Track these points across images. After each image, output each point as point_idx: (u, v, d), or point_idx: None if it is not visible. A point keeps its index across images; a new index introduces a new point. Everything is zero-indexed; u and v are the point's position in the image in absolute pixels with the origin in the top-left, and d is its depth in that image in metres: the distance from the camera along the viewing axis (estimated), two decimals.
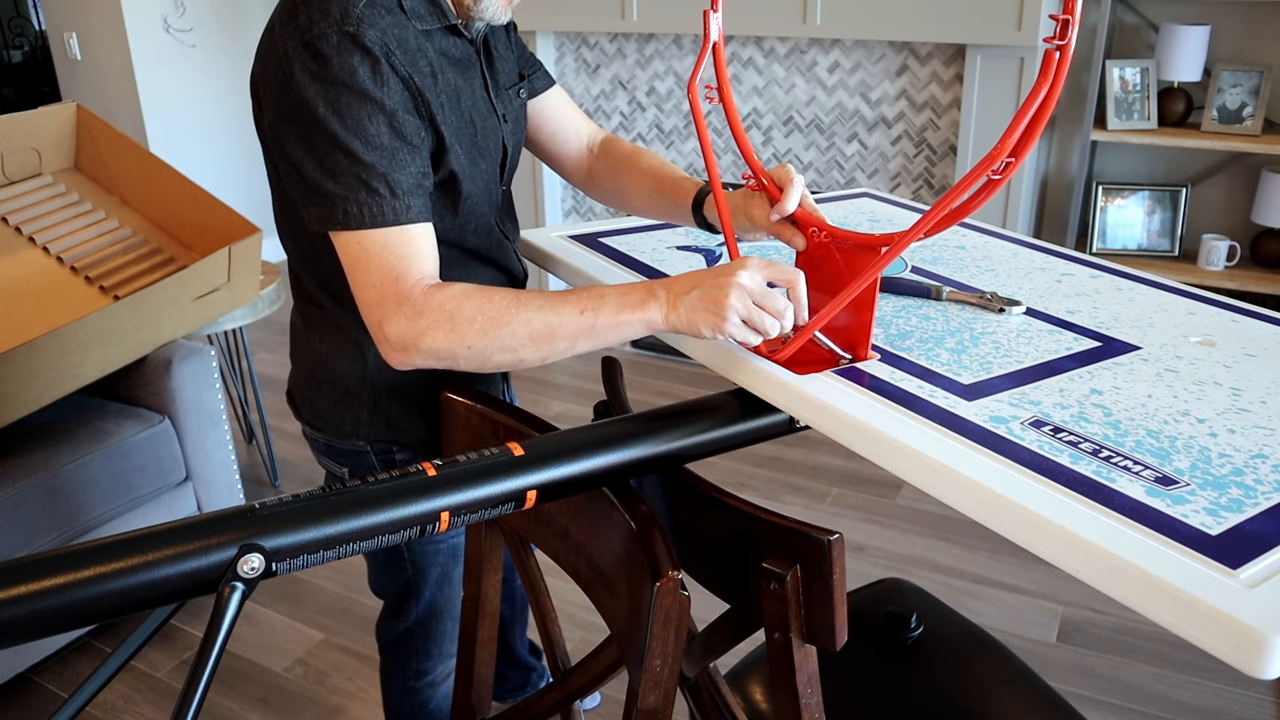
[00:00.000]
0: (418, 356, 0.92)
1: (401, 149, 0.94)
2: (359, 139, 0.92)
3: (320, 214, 0.94)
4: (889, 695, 1.13)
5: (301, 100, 0.92)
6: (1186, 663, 1.89)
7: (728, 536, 0.80)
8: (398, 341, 0.91)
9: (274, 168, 1.04)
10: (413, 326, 0.91)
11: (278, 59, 0.94)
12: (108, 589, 0.64)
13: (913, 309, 1.04)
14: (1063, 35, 0.70)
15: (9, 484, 1.75)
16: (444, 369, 0.94)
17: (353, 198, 0.92)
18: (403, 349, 0.91)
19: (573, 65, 3.19)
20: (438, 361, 0.92)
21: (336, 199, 0.92)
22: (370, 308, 0.93)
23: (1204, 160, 2.63)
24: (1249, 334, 0.98)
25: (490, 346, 0.91)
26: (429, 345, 0.91)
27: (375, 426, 1.13)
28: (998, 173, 0.75)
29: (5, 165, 1.94)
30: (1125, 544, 0.63)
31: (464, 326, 0.90)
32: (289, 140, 0.94)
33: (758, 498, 2.45)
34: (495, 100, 1.11)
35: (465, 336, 0.90)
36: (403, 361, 0.93)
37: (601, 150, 1.28)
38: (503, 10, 1.05)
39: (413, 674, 1.34)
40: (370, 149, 0.92)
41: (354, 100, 0.91)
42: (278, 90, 0.94)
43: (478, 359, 0.92)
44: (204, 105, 4.06)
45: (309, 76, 0.91)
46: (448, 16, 1.02)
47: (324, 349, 1.12)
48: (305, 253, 1.09)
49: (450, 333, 0.90)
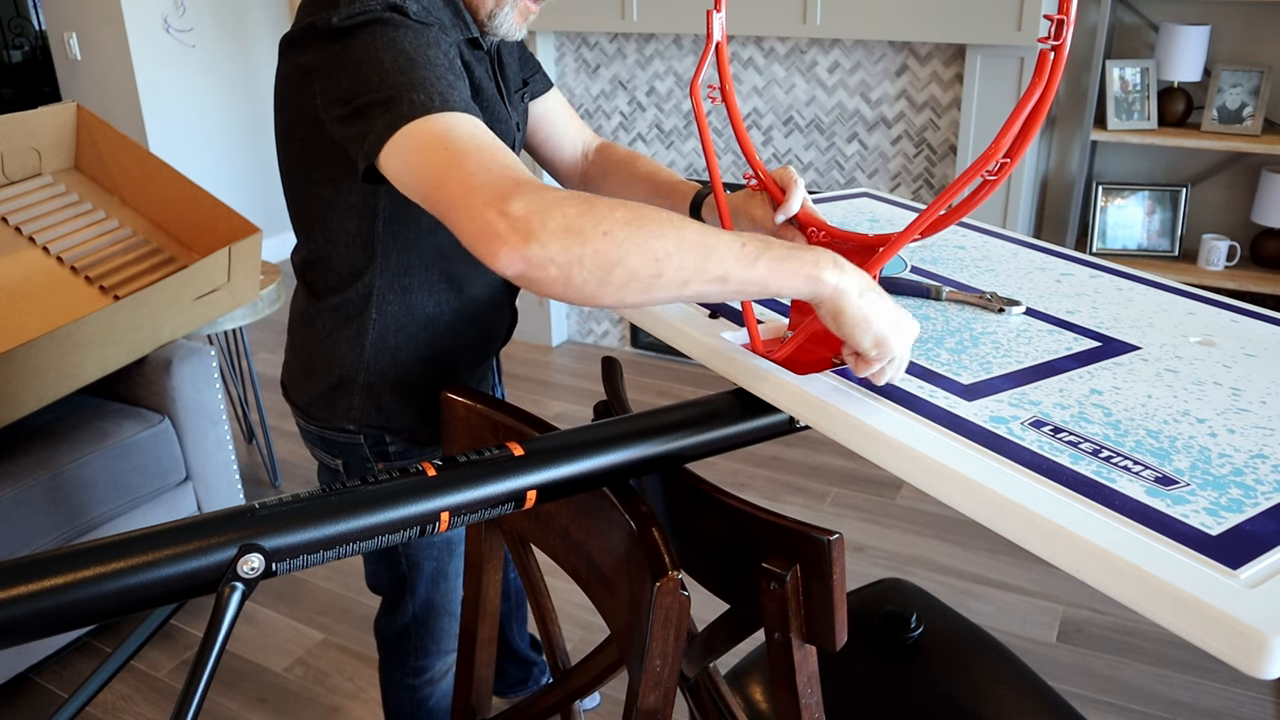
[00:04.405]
0: (537, 241, 0.71)
1: (463, 78, 0.89)
2: (417, 55, 0.86)
3: (388, 119, 0.82)
4: (889, 695, 1.13)
5: (342, 48, 0.88)
6: (1186, 663, 1.89)
7: (727, 536, 0.80)
8: (521, 218, 0.72)
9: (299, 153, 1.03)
10: (540, 200, 0.73)
11: (308, 32, 0.91)
12: (108, 589, 0.64)
13: (913, 309, 1.04)
14: (1058, 35, 0.70)
15: (9, 484, 1.75)
16: (546, 286, 0.74)
17: (421, 87, 0.82)
18: (525, 229, 0.72)
19: (573, 65, 3.19)
20: (562, 251, 0.72)
21: (401, 95, 0.82)
22: (474, 192, 0.75)
23: (1204, 160, 2.63)
24: (1249, 334, 0.98)
25: (631, 239, 0.72)
26: (559, 220, 0.71)
27: (366, 412, 1.14)
28: (993, 173, 0.75)
29: (5, 165, 1.94)
30: (1125, 544, 0.63)
31: (604, 208, 0.73)
32: (328, 88, 0.90)
33: (758, 498, 2.45)
34: (510, 108, 1.13)
35: (603, 219, 0.72)
36: (516, 249, 0.72)
37: (597, 155, 1.29)
38: (517, 27, 1.06)
39: (411, 671, 1.34)
40: (431, 63, 0.85)
41: (406, 32, 0.87)
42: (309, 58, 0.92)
43: (609, 258, 0.72)
44: (204, 105, 4.06)
45: (349, 30, 0.88)
46: (470, 29, 1.03)
47: (323, 336, 1.13)
48: (316, 236, 1.09)
49: (588, 211, 0.72)
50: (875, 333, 0.77)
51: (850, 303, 0.77)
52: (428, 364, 1.14)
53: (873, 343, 0.78)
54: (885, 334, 0.77)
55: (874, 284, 0.79)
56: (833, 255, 0.78)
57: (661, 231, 0.73)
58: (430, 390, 1.15)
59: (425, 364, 1.14)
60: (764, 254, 0.75)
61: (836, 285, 0.76)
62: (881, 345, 0.78)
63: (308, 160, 1.02)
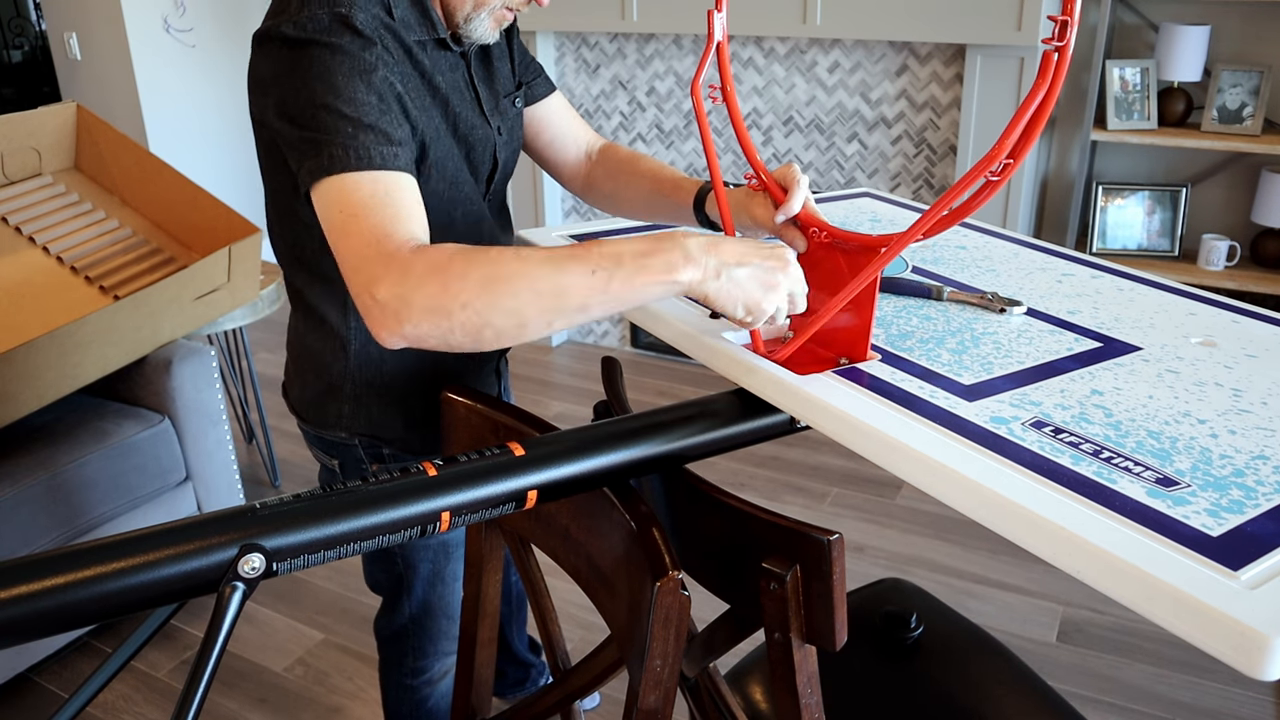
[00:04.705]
0: (408, 323, 0.80)
1: (391, 109, 0.93)
2: (346, 92, 0.89)
3: (311, 166, 0.89)
4: (889, 695, 1.13)
5: (289, 65, 0.91)
6: (1186, 663, 1.89)
7: (727, 536, 0.80)
8: (389, 305, 0.80)
9: (265, 156, 1.04)
10: (402, 285, 0.80)
11: (265, 37, 0.94)
12: (108, 589, 0.64)
13: (913, 309, 1.04)
14: (1061, 36, 0.70)
15: (9, 484, 1.75)
16: (434, 348, 0.84)
17: (340, 142, 0.88)
18: (394, 315, 0.80)
19: (573, 65, 3.19)
20: (432, 328, 0.81)
21: (323, 145, 0.88)
22: (355, 273, 0.84)
23: (1204, 160, 2.63)
24: (1250, 334, 0.98)
25: (489, 306, 0.80)
26: (421, 303, 0.79)
27: (356, 420, 1.15)
28: (996, 173, 0.75)
29: (5, 165, 1.94)
30: (1126, 545, 0.63)
31: (458, 282, 0.80)
32: (277, 105, 0.93)
33: (758, 498, 2.45)
34: (488, 113, 1.12)
35: (460, 293, 0.79)
36: (393, 332, 0.81)
37: (600, 156, 1.28)
38: (491, 31, 1.06)
39: (410, 671, 1.34)
40: (357, 104, 0.90)
41: (343, 60, 0.90)
42: (266, 67, 0.94)
43: (475, 324, 0.80)
44: (204, 105, 4.06)
45: (297, 43, 0.91)
46: (438, 30, 1.02)
47: (310, 340, 1.14)
48: (291, 246, 1.10)
49: (443, 289, 0.79)
50: (744, 302, 0.84)
51: (710, 288, 0.83)
52: (414, 377, 1.14)
53: (744, 311, 0.84)
54: (754, 298, 0.84)
55: (731, 252, 0.83)
56: (684, 245, 0.82)
57: (514, 289, 0.80)
58: (420, 402, 1.15)
59: (412, 377, 1.14)
60: (615, 274, 0.80)
61: (691, 279, 0.82)
62: (754, 310, 0.84)
63: (275, 164, 1.03)
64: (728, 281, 0.82)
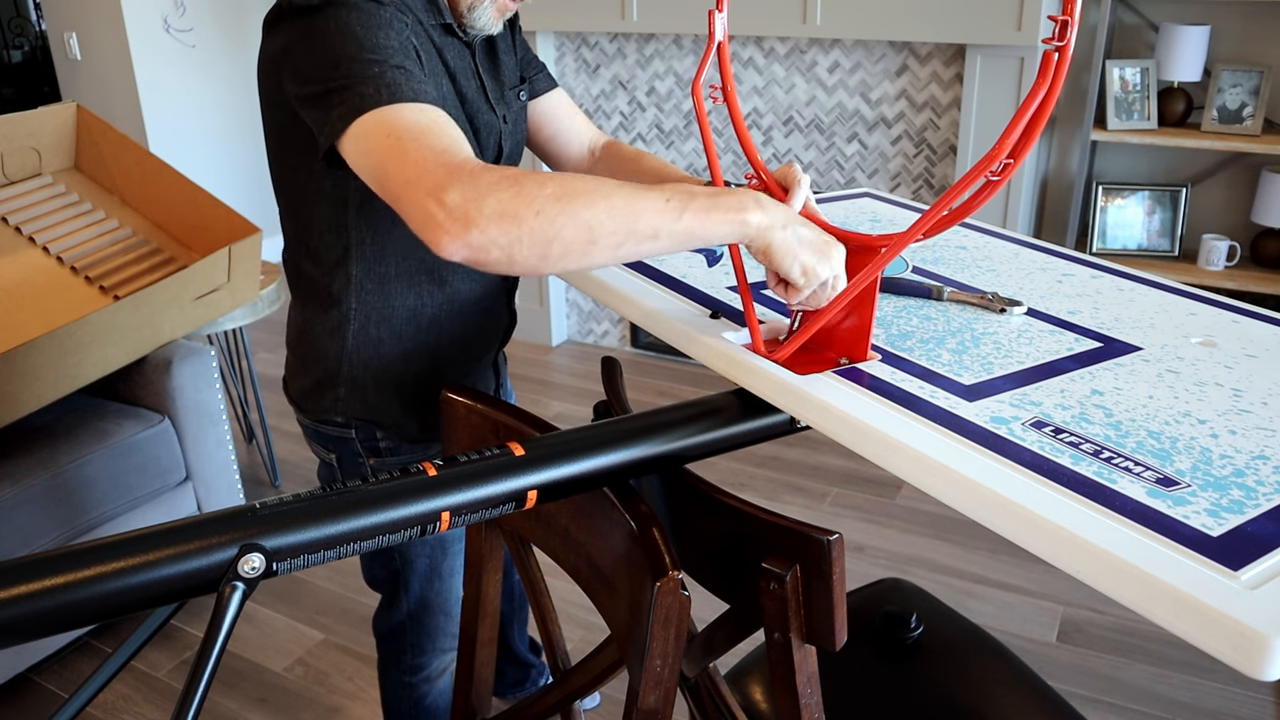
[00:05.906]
0: (475, 228, 0.76)
1: (414, 60, 0.92)
2: (369, 41, 0.89)
3: (341, 111, 0.86)
4: (889, 695, 1.13)
5: (305, 30, 0.91)
6: (1186, 663, 1.89)
7: (727, 536, 0.80)
8: (457, 208, 0.76)
9: (276, 140, 1.05)
10: (474, 188, 0.76)
11: (278, 16, 0.95)
12: (108, 589, 0.64)
13: (914, 309, 1.04)
14: (1061, 36, 0.70)
15: (9, 484, 1.75)
16: (494, 265, 0.79)
17: (371, 80, 0.86)
18: (462, 219, 0.76)
19: (573, 65, 3.19)
20: (500, 234, 0.76)
21: (353, 87, 0.86)
22: (416, 183, 0.79)
23: (1204, 160, 2.63)
24: (1250, 334, 0.98)
25: (563, 213, 0.77)
26: (493, 207, 0.76)
27: (352, 404, 1.15)
28: (996, 173, 0.75)
29: (5, 165, 1.94)
30: (1126, 545, 0.63)
31: (534, 187, 0.77)
32: (294, 71, 0.93)
33: (758, 498, 2.45)
34: (494, 102, 1.12)
35: (535, 199, 0.76)
36: (456, 237, 0.77)
37: (603, 153, 1.29)
38: (494, 21, 1.08)
39: (408, 669, 1.35)
40: (381, 48, 0.89)
41: (361, 15, 0.91)
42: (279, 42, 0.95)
43: (545, 234, 0.77)
44: (204, 105, 4.06)
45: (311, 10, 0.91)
46: (444, 16, 1.04)
47: (309, 325, 1.15)
48: (299, 230, 1.10)
49: (518, 195, 0.76)
50: (802, 261, 0.84)
51: (776, 236, 0.83)
52: (412, 360, 1.15)
53: (800, 270, 0.84)
54: (810, 262, 0.84)
55: (797, 216, 0.86)
56: (755, 195, 0.83)
57: (591, 201, 0.78)
58: (416, 387, 1.16)
59: (410, 360, 1.15)
60: (689, 206, 0.80)
61: (760, 224, 0.82)
62: (809, 273, 0.84)
63: (284, 147, 1.05)
64: (793, 236, 0.84)
